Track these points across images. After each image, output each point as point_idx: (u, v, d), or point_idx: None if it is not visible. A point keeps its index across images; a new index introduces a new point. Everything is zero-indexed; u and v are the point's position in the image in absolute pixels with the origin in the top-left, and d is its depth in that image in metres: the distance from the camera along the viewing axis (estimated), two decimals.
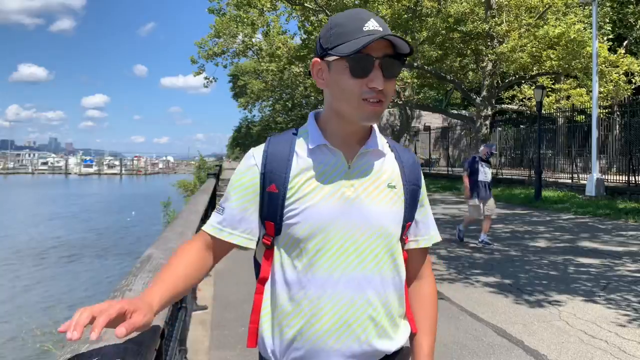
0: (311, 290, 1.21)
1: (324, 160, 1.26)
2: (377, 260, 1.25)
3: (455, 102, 40.92)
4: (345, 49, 1.16)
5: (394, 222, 1.29)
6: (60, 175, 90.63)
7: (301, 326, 1.22)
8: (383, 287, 1.26)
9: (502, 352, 4.22)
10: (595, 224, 11.81)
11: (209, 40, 26.09)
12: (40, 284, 12.58)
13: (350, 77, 1.19)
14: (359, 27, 1.17)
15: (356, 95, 1.19)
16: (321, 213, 1.21)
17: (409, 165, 1.37)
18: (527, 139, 23.88)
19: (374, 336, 1.24)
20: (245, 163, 1.29)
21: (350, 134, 1.28)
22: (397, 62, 1.20)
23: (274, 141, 1.30)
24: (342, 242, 1.22)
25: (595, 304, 5.55)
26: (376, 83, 1.17)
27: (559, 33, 17.88)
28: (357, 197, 1.25)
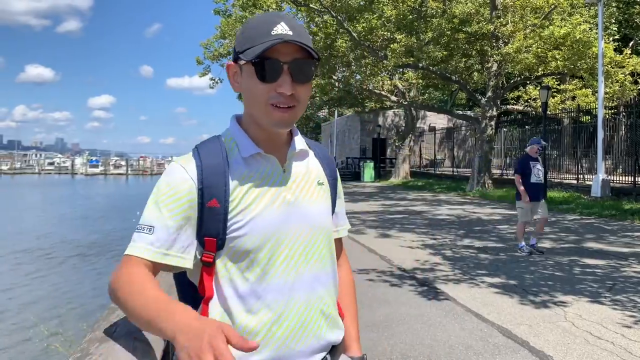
0: (269, 298, 1.19)
1: (260, 168, 1.23)
2: (321, 257, 1.27)
3: (461, 103, 40.85)
4: (251, 53, 1.15)
5: (328, 218, 1.32)
6: (66, 176, 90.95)
7: (263, 335, 1.19)
8: (327, 281, 1.29)
9: (508, 353, 4.22)
10: (601, 225, 11.78)
11: (215, 42, 26.17)
12: (46, 282, 12.64)
13: (257, 82, 1.16)
14: (267, 31, 1.15)
15: (263, 100, 1.17)
16: (268, 221, 1.19)
17: (327, 160, 1.39)
18: None
19: (327, 330, 1.27)
20: (176, 177, 1.19)
21: (276, 138, 1.26)
22: (308, 66, 1.18)
23: (204, 153, 1.23)
24: (291, 246, 1.22)
25: (601, 305, 5.54)
26: (284, 88, 1.15)
27: (564, 33, 17.83)
28: (297, 199, 1.25)
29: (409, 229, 11.46)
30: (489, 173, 21.91)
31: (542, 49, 18.86)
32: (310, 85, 1.22)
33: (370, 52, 22.47)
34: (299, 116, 1.22)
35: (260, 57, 1.14)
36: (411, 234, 10.79)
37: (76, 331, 7.40)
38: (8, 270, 14.18)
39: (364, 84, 27.41)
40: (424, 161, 34.76)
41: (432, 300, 5.83)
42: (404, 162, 31.59)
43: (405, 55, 20.44)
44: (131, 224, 10.60)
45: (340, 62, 25.01)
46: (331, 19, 21.94)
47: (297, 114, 1.20)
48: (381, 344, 4.46)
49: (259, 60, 1.14)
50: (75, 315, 9.63)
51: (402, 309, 5.48)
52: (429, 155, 34.56)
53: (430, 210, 15.34)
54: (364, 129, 39.22)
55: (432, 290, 6.26)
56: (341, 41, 22.98)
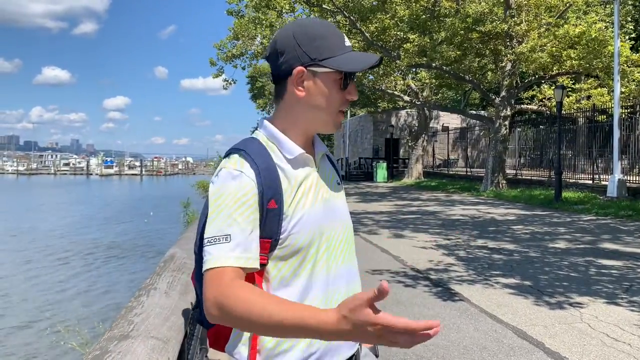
0: (317, 292, 1.24)
1: (303, 167, 1.29)
2: (351, 251, 1.36)
3: (474, 103, 40.62)
4: (343, 64, 1.23)
5: (349, 215, 1.41)
6: (81, 176, 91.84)
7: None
8: (357, 274, 1.37)
9: (523, 354, 4.19)
10: (617, 225, 11.65)
11: (228, 43, 26.25)
12: (62, 281, 12.77)
13: (338, 90, 1.25)
14: (341, 43, 1.26)
15: (338, 107, 1.27)
16: (314, 218, 1.25)
17: (334, 162, 1.48)
18: (547, 140, 23.63)
19: None
20: (238, 183, 1.19)
21: (309, 140, 1.34)
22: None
23: (254, 154, 1.24)
24: (330, 241, 1.28)
25: (618, 306, 5.48)
26: (353, 95, 1.27)
27: (579, 32, 17.66)
28: (330, 197, 1.33)
29: (422, 230, 11.42)
30: (503, 173, 21.76)
31: (556, 48, 18.70)
32: None
33: (383, 52, 22.43)
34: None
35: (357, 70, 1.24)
36: (425, 234, 10.75)
37: (92, 329, 7.47)
38: (25, 269, 14.35)
39: (376, 84, 27.37)
40: (437, 161, 34.60)
41: (446, 301, 5.81)
42: (417, 162, 31.48)
43: (418, 55, 20.37)
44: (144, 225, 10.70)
45: None
46: (344, 20, 21.93)
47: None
48: None
49: (344, 71, 1.24)
50: (91, 313, 9.73)
51: (415, 309, 5.47)
52: (443, 155, 34.41)
53: (443, 211, 15.27)
54: (377, 129, 39.14)
55: (446, 290, 6.23)
56: (354, 41, 22.95)
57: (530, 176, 22.64)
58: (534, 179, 21.77)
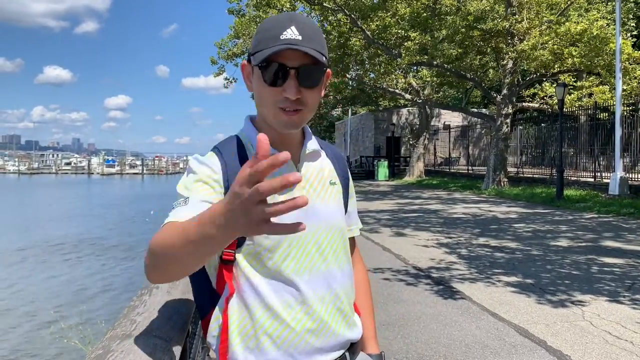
0: (285, 295, 1.22)
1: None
2: (336, 255, 1.30)
3: (475, 101, 40.59)
4: (259, 56, 1.17)
5: (341, 217, 1.35)
6: (83, 175, 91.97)
7: (280, 331, 1.22)
8: (343, 279, 1.31)
9: (525, 352, 4.19)
10: (619, 223, 11.63)
11: (229, 41, 26.26)
12: (63, 279, 12.80)
13: (265, 85, 1.19)
14: (277, 35, 1.15)
15: (271, 104, 1.19)
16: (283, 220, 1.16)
17: (339, 160, 1.43)
18: (549, 138, 23.59)
19: (344, 327, 1.29)
20: (204, 168, 1.21)
21: (288, 138, 1.28)
22: (316, 71, 1.19)
23: (225, 152, 1.26)
24: (306, 244, 1.24)
25: (620, 304, 5.48)
26: (289, 93, 1.16)
27: (581, 30, 17.63)
28: (310, 198, 1.23)
29: (424, 228, 11.42)
30: (505, 171, 21.74)
31: (558, 46, 18.66)
32: (319, 90, 1.23)
33: (384, 51, 22.42)
34: (307, 119, 1.24)
35: (267, 61, 1.16)
36: (426, 232, 10.75)
37: (94, 328, 7.49)
38: (28, 267, 14.38)
39: (377, 83, 27.35)
40: (439, 159, 34.58)
41: (447, 299, 5.80)
42: (418, 160, 31.47)
43: (419, 53, 20.35)
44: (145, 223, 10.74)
45: (353, 60, 24.97)
46: (345, 18, 21.91)
47: (304, 117, 1.22)
48: (397, 343, 4.46)
49: (265, 65, 1.16)
50: (94, 312, 9.75)
51: (417, 307, 5.47)
52: (444, 153, 34.38)
53: (445, 209, 15.27)
54: (378, 127, 39.14)
55: (447, 289, 6.23)
56: (355, 40, 22.96)
57: (531, 174, 22.62)
58: (535, 177, 21.75)
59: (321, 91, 1.26)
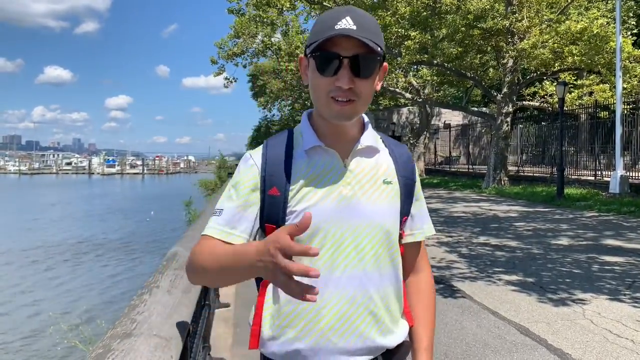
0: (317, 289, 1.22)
1: (320, 162, 1.26)
2: (377, 256, 1.26)
3: (476, 100, 40.54)
4: (314, 46, 1.17)
5: (391, 219, 1.30)
6: (83, 175, 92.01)
7: (304, 324, 1.22)
8: (382, 283, 1.27)
9: (525, 351, 4.19)
10: (620, 222, 11.63)
11: (229, 41, 26.21)
12: (65, 280, 12.80)
13: (318, 75, 1.19)
14: (331, 26, 1.16)
15: (323, 93, 1.20)
16: (320, 213, 1.21)
17: (403, 160, 1.39)
18: (549, 136, 23.57)
19: (376, 331, 1.26)
20: (245, 165, 1.29)
21: (341, 132, 1.28)
22: (370, 61, 1.18)
23: (271, 144, 1.31)
24: (341, 241, 1.23)
25: (621, 302, 5.48)
26: (341, 82, 1.16)
27: (581, 28, 17.60)
28: (354, 195, 1.25)
29: None
30: (505, 170, 21.73)
31: (558, 44, 18.63)
32: (373, 81, 1.23)
33: (384, 50, 22.39)
34: (361, 110, 1.24)
35: (321, 50, 1.17)
36: None
37: (94, 328, 7.49)
38: (29, 268, 14.39)
39: None
40: (439, 158, 34.57)
41: (448, 298, 5.81)
42: (418, 159, 31.46)
43: (419, 52, 20.33)
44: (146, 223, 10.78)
45: None
46: None
47: (357, 108, 1.22)
48: None
49: (319, 54, 1.18)
50: (94, 312, 9.75)
51: None
52: (444, 152, 34.36)
53: (445, 208, 15.26)
54: (378, 126, 39.05)
55: (448, 288, 6.23)
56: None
57: (532, 173, 22.61)
58: (536, 176, 21.74)
59: (376, 83, 1.25)
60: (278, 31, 24.98)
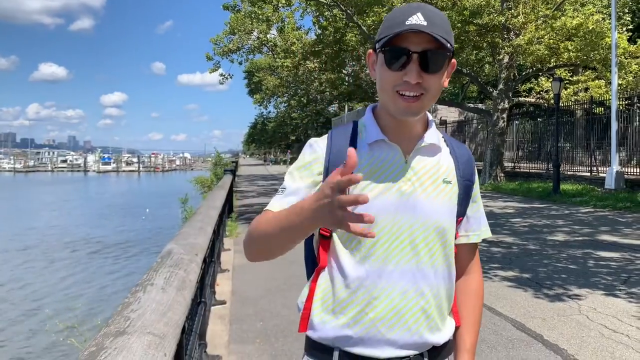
0: (367, 279, 1.24)
1: (382, 156, 1.28)
2: (431, 254, 1.27)
3: (472, 96, 40.57)
4: (384, 41, 1.19)
5: (448, 218, 1.30)
6: (79, 173, 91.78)
7: (355, 313, 1.24)
8: (435, 280, 1.28)
9: (522, 346, 4.20)
10: (615, 217, 11.66)
11: (224, 37, 26.15)
12: (60, 278, 12.77)
13: (386, 69, 1.20)
14: (402, 21, 1.17)
15: (390, 88, 1.21)
16: (378, 206, 1.22)
17: (463, 160, 1.38)
18: (545, 132, 23.62)
19: (425, 327, 1.27)
20: (310, 150, 1.32)
21: (405, 128, 1.29)
22: (439, 56, 1.19)
23: (336, 135, 1.33)
24: (397, 235, 1.24)
25: (616, 298, 5.49)
26: (409, 77, 1.17)
27: (577, 24, 17.61)
28: (414, 191, 1.26)
29: None
30: (501, 166, 21.77)
31: (554, 40, 18.66)
32: (442, 76, 1.22)
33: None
34: (427, 106, 1.24)
35: (390, 45, 1.18)
36: None
37: (91, 326, 7.48)
38: (24, 267, 14.35)
39: (374, 78, 27.29)
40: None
41: None
42: None
43: None
44: (142, 221, 10.73)
45: (350, 56, 24.92)
46: (340, 13, 21.85)
47: (424, 104, 1.22)
48: None
49: (388, 49, 1.18)
50: (90, 310, 9.73)
51: None
52: None
53: None
54: None
55: None
56: (351, 35, 22.90)
57: (528, 169, 22.67)
58: (532, 172, 21.79)
59: (444, 78, 1.25)
60: (274, 27, 24.91)
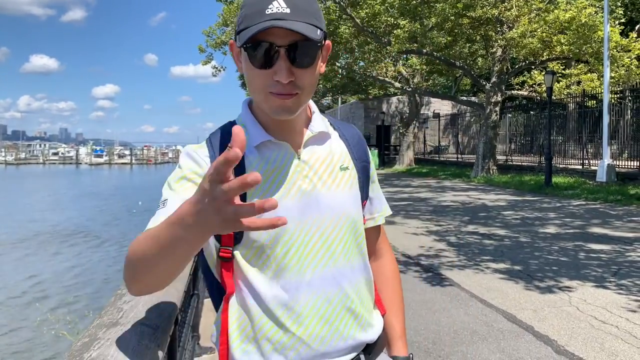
0: (286, 297, 1.10)
1: (272, 157, 1.13)
2: (346, 250, 1.16)
3: (465, 89, 40.65)
4: (243, 36, 1.01)
5: (354, 206, 1.19)
6: (71, 166, 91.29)
7: (280, 336, 1.11)
8: (354, 276, 1.18)
9: (512, 338, 4.24)
10: (606, 210, 11.75)
11: (217, 29, 26.03)
12: (52, 271, 12.73)
13: (252, 68, 1.04)
14: (262, 9, 1.00)
15: (261, 88, 1.05)
16: (281, 213, 1.06)
17: (354, 141, 1.26)
18: (537, 125, 23.72)
19: (356, 328, 1.17)
20: (189, 162, 1.12)
21: (289, 122, 1.13)
22: (310, 48, 1.03)
23: (216, 142, 1.15)
24: (309, 238, 1.12)
25: (606, 289, 5.55)
26: (279, 76, 1.01)
27: (569, 17, 17.66)
28: (314, 187, 1.14)
29: (413, 216, 11.47)
30: (494, 159, 21.86)
31: (547, 34, 18.70)
32: (316, 68, 1.08)
33: (374, 38, 22.36)
34: (304, 103, 1.09)
35: (252, 41, 1.01)
36: (416, 220, 10.80)
37: (83, 318, 7.47)
38: (13, 259, 14.29)
39: (367, 71, 27.30)
40: (429, 148, 34.70)
41: (436, 286, 5.85)
42: (408, 149, 31.53)
43: (408, 41, 20.31)
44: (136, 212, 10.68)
45: (343, 48, 24.87)
46: (334, 5, 21.79)
47: (300, 101, 1.07)
48: None
49: (250, 45, 1.02)
50: (82, 303, 9.72)
51: (406, 294, 5.48)
52: (434, 141, 34.48)
53: (434, 197, 15.34)
54: (368, 116, 39.10)
55: (436, 276, 6.27)
56: (344, 27, 22.85)
57: (520, 162, 22.76)
58: (524, 165, 21.89)
59: (318, 68, 1.10)
60: None
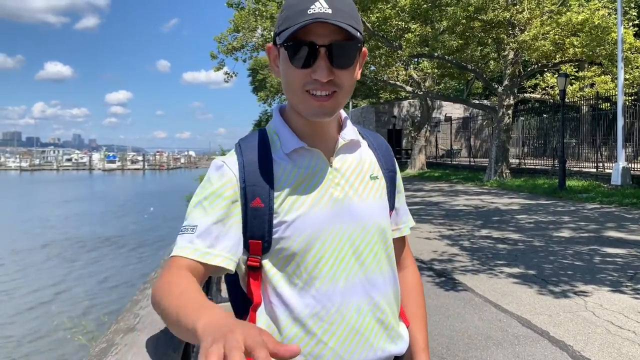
0: (317, 306, 1.10)
1: (304, 164, 1.13)
2: (377, 259, 1.16)
3: (477, 92, 40.48)
4: (284, 35, 1.03)
5: (384, 215, 1.20)
6: (84, 171, 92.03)
7: (311, 348, 1.10)
8: (385, 286, 1.17)
9: (528, 343, 4.20)
10: (622, 214, 11.62)
11: (229, 35, 26.15)
12: (67, 275, 12.83)
13: (292, 67, 1.05)
14: (303, 10, 1.01)
15: (298, 87, 1.06)
16: (314, 221, 1.09)
17: (382, 150, 1.26)
18: (550, 128, 23.55)
19: (386, 340, 1.16)
20: (219, 174, 1.11)
21: (321, 129, 1.15)
22: (349, 48, 1.05)
23: (246, 148, 1.14)
24: (340, 247, 1.11)
25: (623, 294, 5.48)
26: (319, 74, 1.03)
27: (582, 19, 17.53)
28: (346, 195, 1.14)
29: (426, 220, 11.42)
30: (507, 162, 21.71)
31: (559, 36, 18.56)
32: (354, 70, 1.09)
33: (385, 43, 22.33)
34: (342, 104, 1.10)
35: (293, 39, 1.02)
36: (428, 225, 10.75)
37: (98, 323, 7.52)
38: (31, 265, 14.42)
39: (378, 75, 27.26)
40: (440, 151, 34.55)
41: (450, 291, 5.81)
42: (420, 152, 31.41)
43: (420, 45, 20.26)
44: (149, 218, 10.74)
45: None
46: None
47: (338, 102, 1.08)
48: None
49: (291, 44, 1.03)
50: (96, 307, 9.78)
51: None
52: (446, 145, 34.33)
53: (447, 201, 15.26)
54: (379, 120, 39.06)
55: (450, 280, 6.24)
56: None
57: (533, 165, 22.59)
58: (537, 168, 21.73)
59: (356, 71, 1.11)
60: None
